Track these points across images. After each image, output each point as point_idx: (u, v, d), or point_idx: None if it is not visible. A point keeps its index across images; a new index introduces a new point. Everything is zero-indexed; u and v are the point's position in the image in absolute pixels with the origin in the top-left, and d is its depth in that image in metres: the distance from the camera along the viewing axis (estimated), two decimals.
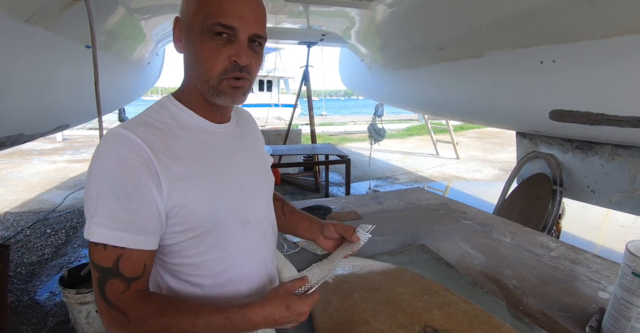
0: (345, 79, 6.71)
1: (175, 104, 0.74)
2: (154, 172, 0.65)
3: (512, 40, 2.38)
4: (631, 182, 2.49)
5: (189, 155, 0.70)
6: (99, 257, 0.63)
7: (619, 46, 1.81)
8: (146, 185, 0.64)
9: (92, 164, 0.65)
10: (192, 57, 0.70)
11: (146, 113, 0.72)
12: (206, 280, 0.75)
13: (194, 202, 0.69)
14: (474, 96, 3.14)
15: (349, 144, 10.64)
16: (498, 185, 5.59)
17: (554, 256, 1.44)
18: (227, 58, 0.68)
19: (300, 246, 1.44)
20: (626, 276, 0.87)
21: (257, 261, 0.82)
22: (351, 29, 4.27)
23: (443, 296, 0.98)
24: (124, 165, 0.63)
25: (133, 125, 0.68)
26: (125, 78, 4.44)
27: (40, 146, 8.72)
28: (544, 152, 3.17)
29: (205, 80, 0.69)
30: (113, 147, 0.64)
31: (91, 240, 0.62)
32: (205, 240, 0.72)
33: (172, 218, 0.68)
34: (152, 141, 0.66)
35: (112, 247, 0.62)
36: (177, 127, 0.72)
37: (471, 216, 1.92)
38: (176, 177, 0.67)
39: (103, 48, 3.19)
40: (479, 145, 10.14)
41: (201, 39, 0.67)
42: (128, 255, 0.63)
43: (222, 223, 0.73)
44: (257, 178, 0.84)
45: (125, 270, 0.63)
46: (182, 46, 0.72)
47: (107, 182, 0.62)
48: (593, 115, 2.18)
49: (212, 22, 0.66)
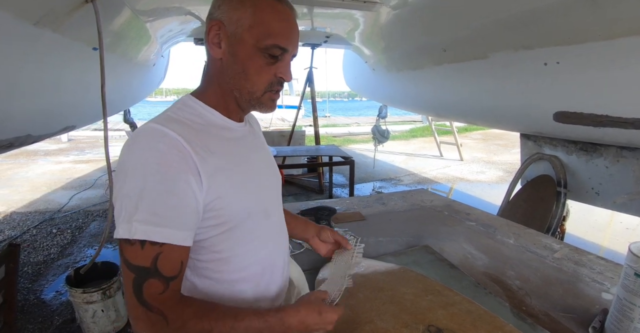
0: (349, 81, 6.72)
1: (198, 104, 0.75)
2: (193, 167, 0.65)
3: (515, 41, 2.38)
4: (636, 183, 2.49)
5: (221, 149, 0.72)
6: (135, 256, 0.61)
7: (623, 47, 1.81)
8: (186, 180, 0.64)
9: (127, 160, 0.64)
10: (238, 69, 0.72)
11: (172, 111, 0.73)
12: (233, 275, 0.76)
13: (231, 195, 0.71)
14: (477, 97, 3.15)
15: (353, 145, 10.64)
16: (502, 186, 5.58)
17: (557, 257, 1.44)
18: (274, 74, 0.73)
19: (305, 246, 1.45)
20: (629, 277, 0.88)
21: (278, 253, 0.85)
22: (355, 30, 4.28)
23: (447, 296, 0.99)
24: (164, 160, 0.63)
25: (165, 120, 0.68)
26: (131, 79, 4.48)
27: (46, 147, 8.78)
28: (548, 153, 3.17)
29: (250, 92, 0.73)
30: (150, 143, 0.64)
31: (134, 237, 0.60)
32: (235, 233, 0.74)
33: (209, 212, 0.69)
34: (188, 136, 0.67)
35: (151, 245, 0.61)
36: (204, 124, 0.73)
37: (475, 217, 1.92)
38: (214, 170, 0.68)
39: (109, 50, 3.21)
40: (483, 146, 10.11)
41: (254, 54, 0.71)
42: (167, 253, 0.62)
43: (251, 216, 0.76)
44: (272, 175, 0.88)
45: (164, 268, 0.62)
46: (222, 53, 0.73)
47: (148, 178, 0.61)
48: (597, 117, 2.18)
49: (271, 44, 0.70)
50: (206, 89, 0.78)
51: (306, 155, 5.38)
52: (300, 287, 1.00)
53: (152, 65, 5.32)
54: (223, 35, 0.71)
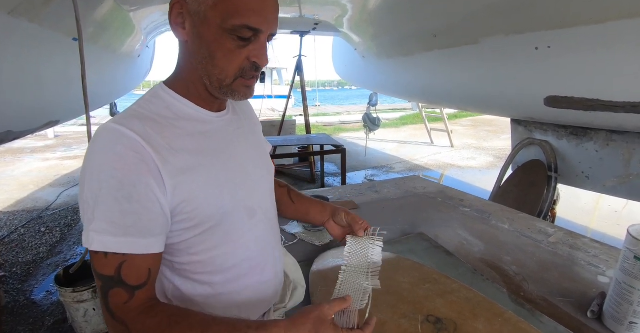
0: (338, 69, 6.66)
1: (169, 94, 0.69)
2: (155, 168, 0.60)
3: (506, 26, 2.35)
4: (625, 167, 2.50)
5: (190, 146, 0.66)
6: (101, 265, 0.58)
7: (614, 31, 1.80)
8: (147, 183, 0.59)
9: (86, 164, 0.60)
10: (204, 53, 0.64)
11: (139, 104, 0.67)
12: (216, 277, 0.72)
13: (200, 196, 0.65)
14: (468, 83, 3.13)
15: (344, 134, 10.60)
16: (492, 172, 5.61)
17: (552, 242, 1.44)
18: (246, 58, 0.65)
19: (298, 237, 1.43)
20: (628, 260, 0.87)
21: (267, 252, 0.80)
22: (343, 17, 4.21)
23: (444, 284, 0.98)
24: (121, 163, 0.58)
25: (126, 118, 0.62)
26: (115, 71, 4.37)
27: (32, 144, 8.59)
28: (539, 138, 3.17)
29: (219, 79, 0.66)
30: (107, 145, 0.59)
31: (91, 249, 0.57)
32: (214, 235, 0.69)
33: (178, 215, 0.64)
34: (149, 135, 0.61)
35: (113, 254, 0.58)
36: (174, 118, 0.67)
37: (469, 203, 1.91)
38: (179, 171, 0.63)
39: (91, 41, 3.12)
40: (473, 133, 10.15)
41: (220, 36, 0.62)
42: (131, 261, 0.59)
43: (230, 216, 0.70)
44: (259, 167, 0.82)
45: (129, 277, 0.59)
46: (186, 34, 0.65)
47: (104, 184, 0.57)
48: (588, 101, 2.18)
49: (239, 24, 0.61)
50: (178, 76, 0.71)
51: (297, 145, 5.34)
52: (296, 280, 0.97)
53: (137, 56, 5.20)
54: (186, 14, 0.64)
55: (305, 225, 1.48)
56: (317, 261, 1.17)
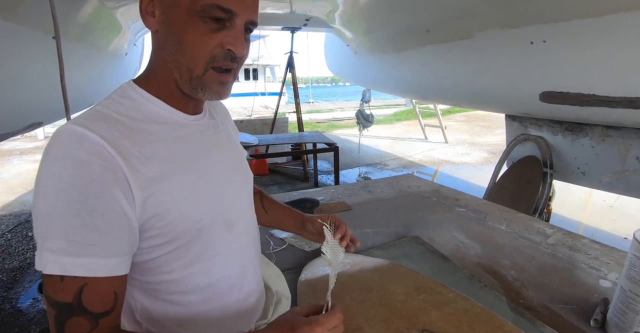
0: (331, 65, 6.58)
1: (140, 93, 0.61)
2: (122, 178, 0.53)
3: (501, 20, 2.30)
4: (621, 162, 2.47)
5: (163, 153, 0.59)
6: (55, 291, 0.50)
7: (610, 25, 1.75)
8: (112, 195, 0.52)
9: (40, 172, 0.51)
10: (173, 40, 0.57)
11: (104, 104, 0.59)
12: (190, 296, 0.65)
13: (175, 209, 0.58)
14: (462, 79, 3.07)
15: (337, 130, 10.54)
16: (487, 168, 5.58)
17: (551, 243, 1.39)
18: (219, 45, 0.58)
19: (287, 242, 1.36)
20: (635, 268, 0.82)
21: (246, 268, 0.73)
22: (335, 12, 4.14)
23: (440, 294, 0.92)
24: (83, 171, 0.50)
25: (89, 120, 0.54)
26: (101, 71, 4.27)
27: (21, 145, 8.42)
28: (534, 134, 3.13)
29: (188, 69, 0.58)
30: (66, 150, 0.51)
31: (45, 271, 0.49)
32: (189, 251, 0.62)
33: (148, 231, 0.57)
34: (116, 139, 0.54)
35: (71, 277, 0.50)
36: (144, 121, 0.60)
37: (464, 203, 1.86)
38: (150, 182, 0.56)
39: (75, 39, 3.03)
40: (467, 128, 10.14)
41: (189, 19, 0.55)
42: (93, 285, 0.51)
43: (206, 231, 0.64)
44: (238, 175, 0.75)
45: (90, 304, 0.51)
46: (156, 23, 0.59)
47: (62, 195, 0.49)
48: (584, 97, 2.13)
49: (208, 3, 0.54)
50: (149, 72, 0.63)
51: (289, 143, 5.27)
52: (279, 291, 0.91)
53: (125, 54, 5.09)
54: (156, 1, 0.57)
55: None
56: (305, 269, 1.11)
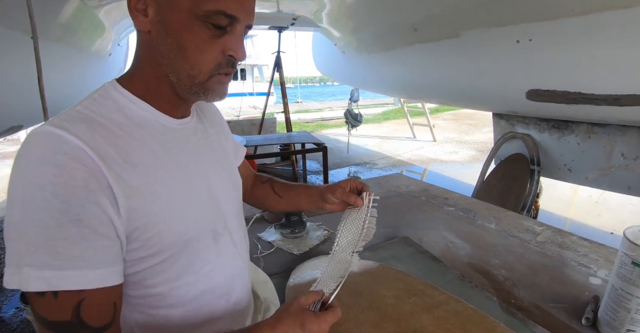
0: (319, 64, 6.56)
1: (123, 94, 0.57)
2: (106, 185, 0.49)
3: (487, 19, 2.30)
4: (607, 159, 2.50)
5: (148, 160, 0.55)
6: (50, 310, 0.46)
7: (596, 23, 1.76)
8: (98, 203, 0.48)
9: (14, 179, 0.46)
10: (171, 44, 0.54)
11: (84, 104, 0.54)
12: (175, 310, 0.61)
13: (161, 221, 0.55)
14: (450, 78, 3.08)
15: (326, 130, 10.53)
16: (475, 166, 5.62)
17: (540, 241, 1.39)
18: (221, 52, 0.55)
19: (275, 245, 1.33)
20: (625, 266, 0.81)
21: (234, 279, 0.70)
22: (322, 11, 4.11)
23: (431, 296, 0.90)
24: (64, 178, 0.45)
25: (68, 120, 0.49)
26: (84, 72, 4.17)
27: (3, 149, 8.20)
28: (521, 132, 3.16)
29: (190, 75, 0.55)
30: (44, 154, 0.46)
31: (31, 289, 0.44)
32: (174, 264, 0.58)
33: (132, 243, 0.54)
34: (98, 143, 0.49)
35: (66, 293, 0.45)
36: (128, 125, 0.55)
37: (453, 202, 1.85)
38: (134, 191, 0.52)
39: (55, 40, 2.95)
40: (455, 127, 10.22)
41: (190, 24, 0.52)
42: (90, 299, 0.47)
43: (193, 242, 0.60)
44: (226, 183, 0.71)
45: (90, 318, 0.48)
46: (148, 23, 0.54)
47: (43, 204, 0.45)
48: (570, 94, 2.15)
49: (214, 9, 0.51)
50: (134, 73, 0.59)
51: (278, 144, 5.23)
52: (268, 298, 0.87)
53: (108, 55, 4.99)
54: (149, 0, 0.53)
55: (283, 232, 1.39)
56: (294, 273, 1.08)
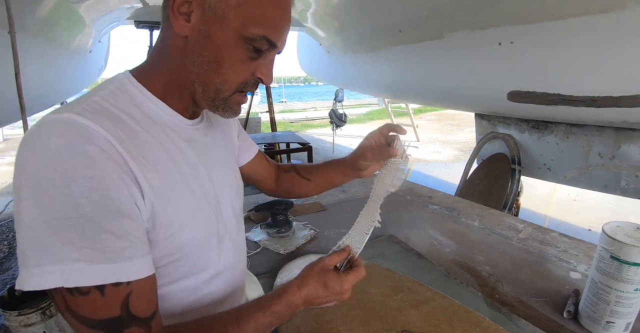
0: (304, 64, 6.55)
1: (139, 89, 0.55)
2: (134, 180, 0.47)
3: (471, 21, 2.34)
4: (584, 158, 2.57)
5: (164, 160, 0.53)
6: (97, 308, 0.43)
7: (574, 27, 1.81)
8: (131, 193, 0.46)
9: (34, 172, 0.42)
10: (208, 56, 0.53)
11: (102, 96, 0.51)
12: (172, 313, 0.59)
13: (175, 223, 0.53)
14: (434, 79, 3.12)
15: (311, 130, 10.53)
16: (458, 165, 5.71)
17: (522, 238, 1.42)
18: (251, 73, 0.57)
19: (262, 245, 1.33)
20: (604, 260, 0.84)
21: (232, 284, 0.69)
22: (307, 11, 4.11)
23: (418, 293, 0.92)
24: (99, 170, 0.43)
25: (90, 112, 0.47)
26: (63, 68, 4.06)
27: None
28: (502, 132, 3.22)
29: (217, 89, 0.55)
30: (73, 145, 0.42)
31: (81, 285, 0.42)
32: (180, 267, 0.57)
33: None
34: (121, 138, 0.47)
35: (113, 287, 0.44)
36: (146, 121, 0.53)
37: (437, 200, 1.88)
38: (155, 190, 0.50)
39: (33, 34, 2.86)
40: (438, 127, 10.36)
41: (234, 43, 0.52)
42: (138, 290, 0.46)
43: (199, 247, 0.59)
44: (229, 187, 0.70)
45: (139, 310, 0.46)
46: (188, 29, 0.53)
47: (82, 200, 0.42)
48: (550, 96, 2.20)
49: (260, 34, 0.53)
50: (153, 71, 0.57)
51: (263, 143, 5.21)
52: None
53: (89, 51, 4.88)
54: (196, 5, 0.51)
55: (269, 232, 1.38)
56: (281, 273, 1.08)
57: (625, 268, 0.80)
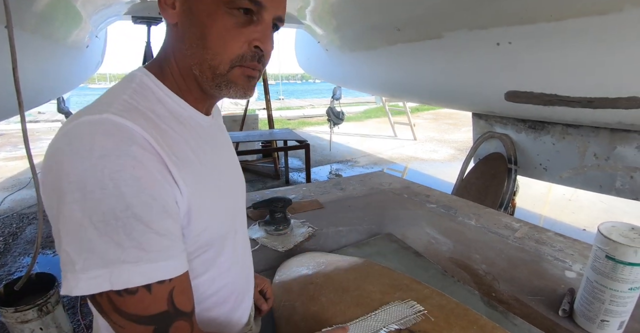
0: (302, 62, 6.54)
1: (159, 87, 0.54)
2: (172, 179, 0.48)
3: (470, 21, 2.35)
4: (580, 159, 2.59)
5: (191, 157, 0.53)
6: (146, 305, 0.45)
7: (572, 28, 1.82)
8: (174, 194, 0.48)
9: (82, 174, 0.42)
10: (195, 33, 0.51)
11: (129, 94, 0.51)
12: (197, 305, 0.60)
13: (206, 218, 0.54)
14: (431, 78, 3.13)
15: (308, 127, 10.53)
16: (454, 164, 5.74)
17: (518, 237, 1.43)
18: (246, 42, 0.52)
19: (260, 243, 1.33)
20: (599, 259, 0.85)
21: (243, 276, 0.70)
22: (305, 8, 4.10)
23: (415, 291, 0.92)
24: (144, 171, 0.44)
25: (125, 111, 0.47)
26: (60, 63, 4.03)
27: None
28: (499, 132, 3.24)
29: (211, 66, 0.52)
30: (120, 146, 0.43)
31: (131, 285, 0.43)
32: (203, 261, 0.58)
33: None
34: (157, 138, 0.47)
35: (159, 284, 0.45)
36: (170, 119, 0.53)
37: (434, 199, 1.89)
38: (189, 187, 0.50)
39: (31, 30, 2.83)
40: (435, 126, 10.39)
41: (214, 11, 0.49)
42: (179, 285, 0.48)
43: (221, 239, 0.60)
44: (240, 181, 0.72)
45: (183, 304, 0.49)
46: (177, 15, 0.52)
47: (132, 200, 0.43)
48: (547, 96, 2.22)
49: None
50: (163, 68, 0.56)
51: (260, 140, 5.20)
52: None
53: (85, 46, 4.83)
54: None
55: (268, 229, 1.39)
56: (279, 270, 1.08)
57: (620, 267, 0.82)
